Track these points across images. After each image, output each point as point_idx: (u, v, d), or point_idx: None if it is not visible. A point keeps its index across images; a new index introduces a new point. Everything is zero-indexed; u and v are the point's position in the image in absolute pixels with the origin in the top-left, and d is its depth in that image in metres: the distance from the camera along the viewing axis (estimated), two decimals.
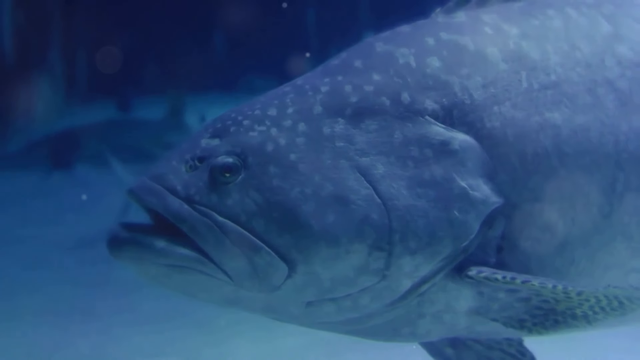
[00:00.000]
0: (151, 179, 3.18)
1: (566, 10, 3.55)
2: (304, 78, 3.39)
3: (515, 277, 3.18)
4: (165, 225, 3.14)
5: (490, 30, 3.43)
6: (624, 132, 3.41)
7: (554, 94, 3.37)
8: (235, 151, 3.17)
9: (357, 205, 3.13)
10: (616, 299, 3.20)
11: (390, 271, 3.16)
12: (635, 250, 3.45)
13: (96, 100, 13.62)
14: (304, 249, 3.10)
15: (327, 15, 11.09)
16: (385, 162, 3.19)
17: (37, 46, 13.03)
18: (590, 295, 3.18)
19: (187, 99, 13.42)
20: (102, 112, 13.24)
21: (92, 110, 13.20)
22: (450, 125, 3.27)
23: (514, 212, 3.28)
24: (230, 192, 3.13)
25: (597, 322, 3.26)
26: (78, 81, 14.08)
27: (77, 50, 13.99)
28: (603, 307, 3.21)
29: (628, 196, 3.40)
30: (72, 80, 13.96)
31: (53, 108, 13.39)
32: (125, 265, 3.16)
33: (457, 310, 3.31)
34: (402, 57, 3.34)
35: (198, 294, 3.21)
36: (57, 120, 12.88)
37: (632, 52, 3.52)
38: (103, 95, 13.72)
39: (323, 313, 3.23)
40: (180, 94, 13.17)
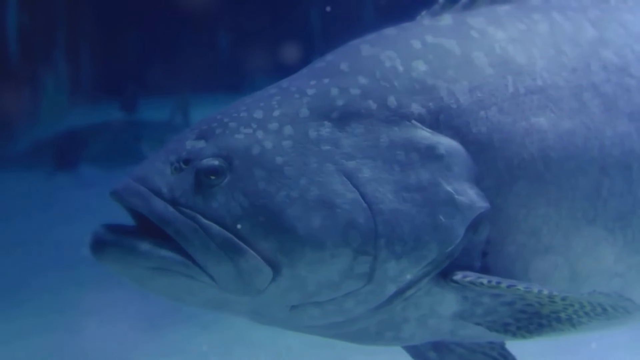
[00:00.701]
0: (135, 180, 3.16)
1: (552, 15, 3.54)
2: (290, 80, 3.37)
3: (500, 282, 3.18)
4: (149, 227, 3.12)
5: (476, 34, 3.42)
6: (609, 137, 3.41)
7: (540, 99, 3.36)
8: (221, 154, 3.15)
9: (343, 209, 3.11)
10: (600, 306, 3.20)
11: (375, 275, 3.15)
12: (618, 256, 3.45)
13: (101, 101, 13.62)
14: (289, 252, 3.08)
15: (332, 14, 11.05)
16: (371, 166, 3.17)
17: (42, 46, 13.03)
18: (575, 301, 3.18)
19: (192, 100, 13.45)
20: (106, 112, 13.25)
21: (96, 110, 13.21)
22: (436, 130, 3.26)
23: (499, 216, 3.28)
24: (216, 195, 3.11)
25: (581, 325, 3.26)
26: (83, 81, 14.08)
27: (81, 50, 13.99)
28: (587, 312, 3.21)
29: (612, 201, 3.41)
30: (77, 80, 13.96)
31: (58, 108, 13.40)
32: (109, 268, 3.13)
33: (442, 314, 3.30)
34: (388, 61, 3.33)
35: (182, 297, 3.20)
36: (62, 121, 12.88)
37: (617, 56, 3.52)
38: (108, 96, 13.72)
39: (307, 317, 3.22)
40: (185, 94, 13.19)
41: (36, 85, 12.99)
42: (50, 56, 13.37)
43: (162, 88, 12.70)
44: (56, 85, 13.47)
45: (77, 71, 13.97)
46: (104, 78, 13.98)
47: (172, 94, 12.67)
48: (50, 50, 13.37)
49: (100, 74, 14.07)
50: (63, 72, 13.67)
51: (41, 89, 13.12)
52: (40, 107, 13.13)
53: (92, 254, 3.11)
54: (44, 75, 13.18)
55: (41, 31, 12.91)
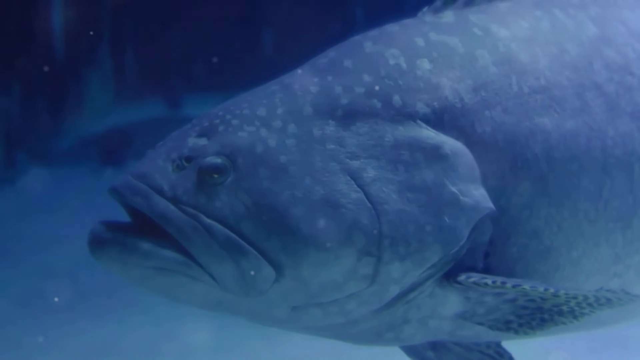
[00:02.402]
0: (136, 178, 3.09)
1: (553, 12, 3.50)
2: (292, 76, 3.31)
3: (505, 282, 3.14)
4: (146, 223, 3.06)
5: (479, 31, 3.38)
6: (611, 137, 3.37)
7: (544, 98, 3.32)
8: (225, 152, 3.09)
9: (347, 209, 3.06)
10: (604, 297, 3.16)
11: (378, 277, 3.10)
12: (618, 256, 3.42)
13: (146, 97, 13.65)
14: (292, 253, 3.03)
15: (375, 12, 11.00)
16: (375, 166, 3.13)
17: (88, 44, 13.09)
18: (579, 294, 3.15)
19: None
20: (152, 109, 13.29)
21: (142, 107, 13.25)
22: (440, 129, 3.21)
23: (503, 217, 3.24)
24: (219, 194, 3.05)
25: (583, 316, 3.21)
26: (128, 78, 14.14)
27: (127, 47, 14.04)
28: (591, 303, 3.17)
29: (613, 202, 3.37)
30: (122, 77, 14.01)
31: (103, 105, 13.45)
32: (108, 267, 3.06)
33: (443, 315, 3.26)
34: (392, 59, 3.28)
35: (182, 297, 3.14)
36: (108, 118, 12.93)
37: (618, 55, 3.48)
38: (153, 92, 13.75)
39: (308, 318, 3.17)
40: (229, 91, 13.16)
41: (82, 82, 13.05)
42: (95, 53, 13.43)
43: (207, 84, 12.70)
44: (101, 82, 13.53)
45: (122, 68, 14.03)
46: (149, 74, 14.02)
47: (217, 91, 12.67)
48: (96, 47, 13.43)
49: (146, 71, 14.12)
50: (108, 68, 13.72)
51: (87, 85, 13.18)
52: (85, 103, 13.19)
53: (90, 253, 3.04)
54: (89, 72, 13.24)
55: (86, 28, 12.97)
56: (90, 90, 13.21)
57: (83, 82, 13.06)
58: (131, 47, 14.09)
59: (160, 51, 13.78)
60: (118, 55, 13.84)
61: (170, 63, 13.67)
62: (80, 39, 12.85)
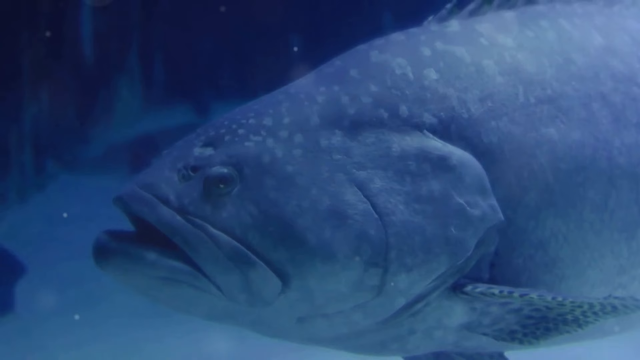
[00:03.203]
0: (141, 187, 3.07)
1: (559, 22, 3.49)
2: (297, 86, 3.30)
3: (512, 291, 3.13)
4: (151, 232, 3.04)
5: (485, 41, 3.37)
6: (617, 148, 3.36)
7: (550, 109, 3.31)
8: (231, 162, 3.07)
9: (354, 220, 3.05)
10: (610, 305, 3.14)
11: (385, 288, 3.08)
12: (623, 267, 3.41)
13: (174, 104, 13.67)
14: (299, 264, 3.01)
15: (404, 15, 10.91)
16: (382, 177, 3.11)
17: (116, 51, 13.12)
18: (584, 302, 3.13)
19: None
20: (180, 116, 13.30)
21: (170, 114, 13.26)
22: (447, 140, 3.20)
23: (509, 228, 3.22)
24: (225, 204, 3.03)
25: (587, 325, 3.19)
26: (156, 85, 14.17)
27: (155, 54, 14.08)
28: (596, 311, 3.15)
29: (619, 213, 3.36)
30: (151, 84, 14.04)
31: (132, 112, 13.49)
32: (113, 277, 3.05)
33: (448, 326, 3.25)
34: (398, 68, 3.27)
35: (187, 308, 3.13)
36: (136, 125, 12.96)
37: (624, 65, 3.47)
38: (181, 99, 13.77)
39: (314, 329, 3.15)
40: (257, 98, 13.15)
41: (110, 88, 13.09)
42: (124, 60, 13.47)
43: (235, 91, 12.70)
44: (130, 89, 13.57)
45: (151, 75, 14.06)
46: (177, 81, 14.05)
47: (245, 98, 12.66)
48: (125, 53, 13.46)
49: (174, 78, 14.14)
50: (137, 75, 13.76)
51: (115, 92, 13.22)
52: (114, 110, 13.22)
53: (95, 263, 3.03)
54: (118, 79, 13.28)
55: (116, 35, 13.01)
56: (119, 97, 13.25)
57: (112, 88, 13.09)
58: (160, 54, 14.12)
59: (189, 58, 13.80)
60: (147, 62, 13.88)
61: (199, 70, 13.68)
62: (110, 46, 12.89)
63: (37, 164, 11.29)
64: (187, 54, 13.84)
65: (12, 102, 10.65)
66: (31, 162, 11.18)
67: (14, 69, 10.79)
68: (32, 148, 11.17)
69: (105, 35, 12.68)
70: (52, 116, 11.63)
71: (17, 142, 10.89)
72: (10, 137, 10.71)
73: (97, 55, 12.56)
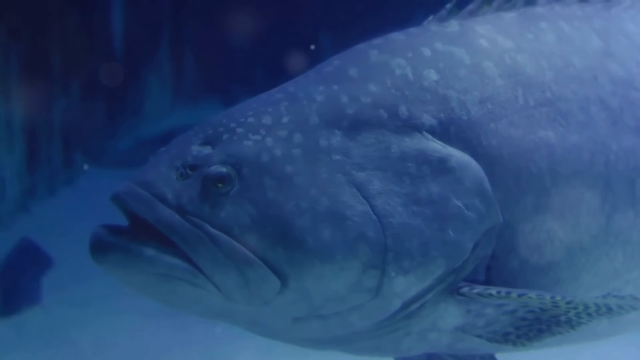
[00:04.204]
0: (139, 185, 3.05)
1: (558, 24, 3.47)
2: (296, 84, 3.28)
3: (510, 292, 3.12)
4: (146, 227, 3.02)
5: (485, 42, 3.35)
6: (615, 152, 3.35)
7: (549, 112, 3.30)
8: (230, 161, 3.05)
9: (353, 221, 3.03)
10: (605, 306, 3.13)
11: (382, 290, 3.06)
12: (618, 271, 3.40)
13: (203, 99, 13.68)
14: (297, 264, 3.00)
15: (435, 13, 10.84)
16: (381, 178, 3.09)
17: (147, 45, 13.14)
18: (579, 303, 3.12)
19: None
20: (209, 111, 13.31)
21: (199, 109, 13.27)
22: (446, 142, 3.18)
23: (505, 231, 3.21)
24: (224, 204, 3.01)
25: (580, 326, 3.19)
26: (186, 80, 14.18)
27: (185, 49, 14.09)
28: (590, 313, 3.14)
29: (615, 217, 3.35)
30: (180, 79, 14.06)
31: (161, 107, 13.51)
32: (110, 272, 3.03)
33: (443, 328, 3.23)
34: (398, 68, 3.25)
35: (183, 305, 3.12)
36: (165, 120, 12.98)
37: (622, 69, 3.46)
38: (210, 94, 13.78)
39: (309, 329, 3.13)
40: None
41: (140, 83, 13.11)
42: (154, 55, 13.49)
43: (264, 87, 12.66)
44: (160, 84, 13.59)
45: (180, 70, 14.08)
46: (207, 77, 14.05)
47: None
48: (155, 49, 13.49)
49: (204, 73, 14.15)
50: (167, 71, 13.78)
51: (145, 87, 13.24)
52: (144, 105, 13.24)
53: (92, 257, 3.00)
54: (148, 74, 13.30)
55: (146, 30, 13.03)
56: (148, 92, 13.27)
57: (142, 83, 13.12)
58: (190, 48, 14.14)
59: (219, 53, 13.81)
60: (177, 57, 13.90)
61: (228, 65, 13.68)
62: (140, 40, 12.91)
63: (66, 158, 11.33)
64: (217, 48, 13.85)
65: (42, 96, 10.69)
66: (60, 156, 11.22)
67: (44, 63, 10.83)
68: (61, 142, 11.21)
69: (135, 30, 12.70)
70: (82, 110, 11.66)
71: (47, 136, 10.93)
72: (40, 131, 10.75)
73: (127, 50, 12.58)
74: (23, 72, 10.12)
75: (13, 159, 10.21)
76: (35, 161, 10.62)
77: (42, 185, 10.75)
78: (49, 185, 10.88)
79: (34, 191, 10.54)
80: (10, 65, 9.93)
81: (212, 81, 13.90)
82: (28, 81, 10.17)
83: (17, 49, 10.01)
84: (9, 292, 7.90)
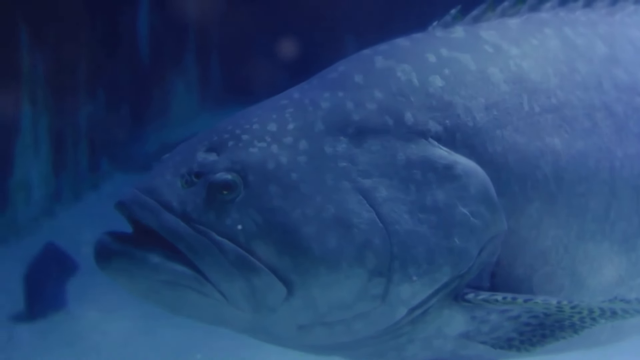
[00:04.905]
0: (144, 192, 3.05)
1: (563, 30, 3.46)
2: (300, 91, 3.26)
3: (516, 297, 3.11)
4: (149, 234, 3.01)
5: (490, 48, 3.34)
6: (619, 159, 3.35)
7: (555, 118, 3.29)
8: (235, 168, 3.04)
9: (359, 229, 3.02)
10: (610, 310, 3.13)
11: (387, 298, 3.06)
12: (622, 278, 3.40)
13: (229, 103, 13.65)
14: (303, 272, 2.99)
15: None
16: (387, 185, 3.08)
17: (173, 49, 13.14)
18: (584, 308, 3.12)
19: None
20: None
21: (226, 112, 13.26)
22: (452, 148, 3.17)
23: (511, 238, 3.20)
24: (229, 211, 3.00)
25: (583, 330, 3.18)
26: (212, 83, 14.17)
27: (211, 52, 14.08)
28: (594, 317, 3.13)
29: (619, 224, 3.35)
30: (207, 82, 14.05)
31: (187, 111, 13.50)
32: (115, 279, 3.02)
33: (447, 335, 3.23)
34: (403, 74, 3.24)
35: (188, 312, 3.12)
36: (192, 124, 12.96)
37: (627, 74, 3.45)
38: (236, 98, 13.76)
39: (314, 336, 3.13)
40: None
41: (166, 87, 13.10)
42: (181, 58, 13.48)
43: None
44: (186, 88, 13.58)
45: (206, 73, 14.07)
46: (233, 81, 14.04)
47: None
48: (181, 52, 13.48)
49: (230, 77, 14.14)
50: (193, 74, 13.77)
51: (171, 91, 13.23)
52: (170, 109, 13.24)
53: (97, 264, 3.01)
54: (174, 78, 13.29)
55: (172, 33, 13.03)
56: (175, 96, 13.27)
57: (168, 87, 13.11)
58: (216, 52, 14.12)
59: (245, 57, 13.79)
60: (203, 61, 13.89)
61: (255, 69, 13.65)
62: (166, 44, 12.91)
63: (92, 162, 11.32)
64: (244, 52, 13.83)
65: (69, 101, 10.70)
66: (86, 160, 11.21)
67: (70, 68, 10.83)
68: (87, 147, 11.21)
69: (161, 34, 12.70)
70: (108, 115, 11.66)
71: (73, 141, 10.93)
72: (66, 136, 10.75)
73: (153, 54, 12.58)
74: (49, 76, 10.13)
75: (39, 164, 10.21)
76: (61, 166, 10.62)
77: (68, 190, 10.74)
78: (75, 190, 10.87)
79: (60, 196, 10.54)
80: (37, 70, 9.93)
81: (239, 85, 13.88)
82: (54, 86, 10.18)
83: (44, 54, 10.01)
84: (34, 296, 7.89)
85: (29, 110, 9.91)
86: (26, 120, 9.88)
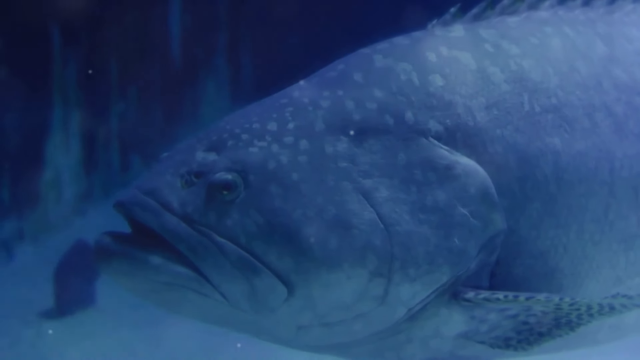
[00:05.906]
0: (144, 193, 3.02)
1: (563, 29, 3.44)
2: (300, 89, 3.24)
3: (518, 295, 3.09)
4: (149, 233, 2.99)
5: (490, 47, 3.32)
6: (619, 159, 3.34)
7: (555, 118, 3.28)
8: (235, 168, 3.02)
9: (360, 229, 3.00)
10: (608, 305, 3.11)
11: (387, 298, 3.05)
12: (620, 278, 3.39)
13: None
14: (304, 273, 2.98)
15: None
16: (388, 185, 3.06)
17: (204, 49, 13.16)
18: (582, 304, 3.09)
19: None
20: None
21: None
22: (453, 148, 3.15)
23: (510, 238, 3.19)
24: (230, 212, 2.98)
25: (580, 327, 3.17)
26: (243, 84, 14.18)
27: (243, 51, 14.09)
28: (592, 313, 3.11)
29: (618, 224, 3.34)
30: (237, 83, 14.06)
31: (218, 110, 13.50)
32: (115, 280, 3.00)
33: (446, 335, 3.21)
34: (403, 73, 3.22)
35: (188, 312, 3.11)
36: None
37: (626, 74, 3.43)
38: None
39: (313, 337, 3.11)
40: None
41: (197, 86, 13.12)
42: (212, 58, 13.50)
43: None
44: (217, 87, 13.59)
45: (237, 74, 14.08)
46: (264, 80, 14.04)
47: None
48: (212, 52, 13.49)
49: (260, 77, 14.14)
50: (224, 73, 13.78)
51: (202, 90, 13.25)
52: (201, 108, 13.25)
53: (97, 265, 3.01)
54: (205, 77, 13.31)
55: (203, 33, 13.04)
56: (206, 95, 13.28)
57: (199, 87, 13.13)
58: (248, 51, 14.13)
59: (276, 55, 13.78)
60: (235, 60, 13.89)
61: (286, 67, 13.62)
62: (198, 42, 12.92)
63: (123, 161, 11.35)
64: (275, 51, 13.82)
65: (100, 100, 10.74)
66: (117, 159, 11.25)
67: (101, 67, 10.87)
68: (118, 145, 11.24)
69: (192, 33, 12.72)
70: (139, 114, 11.69)
71: (104, 139, 10.97)
72: (98, 134, 10.79)
73: (184, 53, 12.60)
74: (81, 75, 10.17)
75: (70, 163, 10.25)
76: (93, 165, 10.65)
77: (99, 188, 10.77)
78: (106, 188, 10.90)
79: (91, 194, 10.57)
80: (68, 69, 9.97)
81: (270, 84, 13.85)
82: (85, 85, 10.22)
83: (75, 53, 10.06)
84: (64, 293, 7.92)
85: (60, 109, 9.95)
86: (57, 120, 9.92)
